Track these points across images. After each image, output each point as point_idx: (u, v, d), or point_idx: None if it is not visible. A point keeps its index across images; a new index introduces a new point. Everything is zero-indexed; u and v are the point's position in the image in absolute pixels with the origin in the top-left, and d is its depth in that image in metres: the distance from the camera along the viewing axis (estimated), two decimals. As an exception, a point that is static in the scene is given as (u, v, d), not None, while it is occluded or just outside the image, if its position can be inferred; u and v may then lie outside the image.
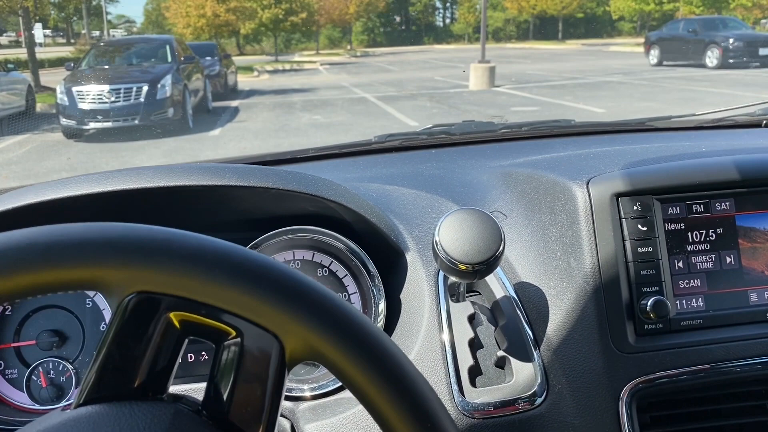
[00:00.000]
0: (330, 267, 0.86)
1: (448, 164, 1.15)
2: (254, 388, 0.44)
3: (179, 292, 0.43)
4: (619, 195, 0.72)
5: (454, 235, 0.68)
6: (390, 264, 0.86)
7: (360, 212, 0.78)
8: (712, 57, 12.76)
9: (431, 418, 0.44)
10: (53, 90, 9.67)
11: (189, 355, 0.84)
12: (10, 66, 10.04)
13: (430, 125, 1.57)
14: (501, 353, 0.74)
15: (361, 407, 0.72)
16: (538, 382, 0.71)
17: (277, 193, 0.73)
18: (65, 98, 8.75)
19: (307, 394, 0.77)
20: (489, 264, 0.67)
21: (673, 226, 0.73)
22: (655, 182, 0.73)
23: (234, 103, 11.13)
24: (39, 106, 10.33)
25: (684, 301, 0.72)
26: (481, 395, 0.72)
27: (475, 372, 0.74)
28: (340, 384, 0.79)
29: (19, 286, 0.41)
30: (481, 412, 0.71)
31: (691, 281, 0.72)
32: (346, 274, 0.86)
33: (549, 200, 0.78)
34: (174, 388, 0.47)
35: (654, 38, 14.67)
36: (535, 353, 0.73)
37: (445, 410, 0.45)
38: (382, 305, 0.81)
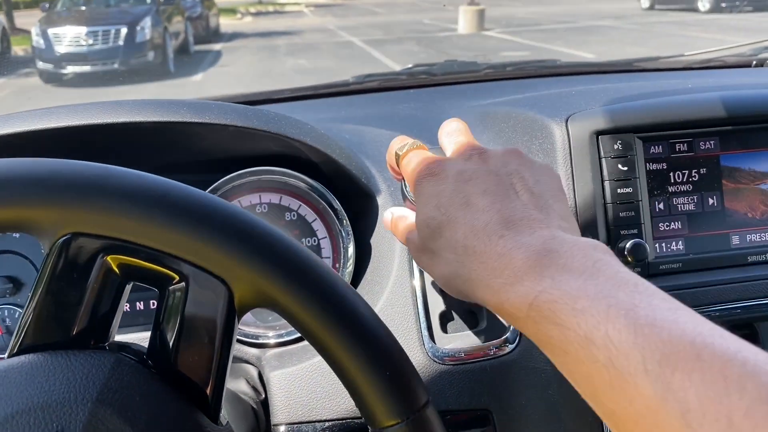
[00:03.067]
0: (298, 211, 0.82)
1: (427, 104, 1.10)
2: (202, 336, 0.41)
3: (115, 234, 0.40)
4: (599, 133, 0.68)
5: None
6: (361, 208, 0.82)
7: (327, 152, 0.74)
8: (704, 1, 12.54)
9: (390, 366, 0.41)
10: (29, 33, 9.37)
11: (137, 303, 0.80)
12: (-18, 7, 9.68)
13: (410, 65, 1.52)
14: (473, 299, 0.71)
15: (327, 355, 0.70)
16: (511, 328, 0.69)
17: (236, 131, 0.68)
18: (41, 41, 8.50)
19: (272, 341, 0.74)
20: None
21: (654, 166, 0.69)
22: (636, 119, 0.69)
23: (216, 47, 10.85)
24: (14, 50, 10.03)
25: (664, 244, 0.69)
26: (452, 341, 0.69)
27: (446, 317, 0.72)
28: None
29: None
30: (451, 359, 0.69)
31: (672, 223, 0.69)
32: (315, 218, 0.82)
33: (526, 139, 0.74)
34: (122, 338, 0.44)
35: (646, -19, 14.36)
36: (508, 299, 0.70)
37: (407, 358, 0.42)
38: (351, 249, 0.77)
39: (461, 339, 0.70)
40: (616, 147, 0.68)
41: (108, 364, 0.39)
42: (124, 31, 8.58)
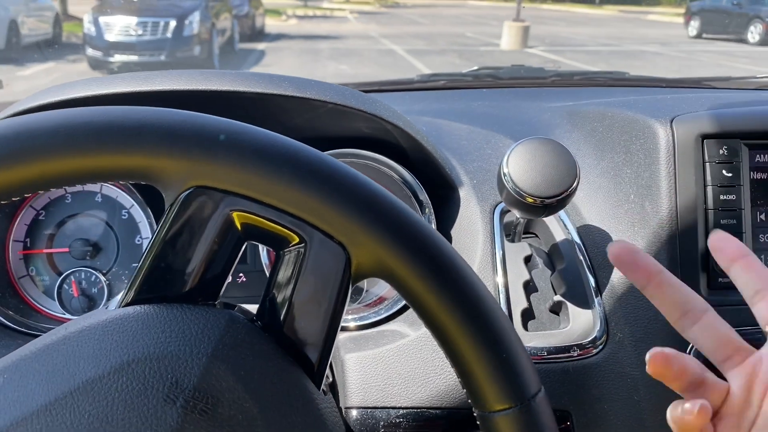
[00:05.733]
0: (378, 197, 0.81)
1: (501, 103, 1.09)
2: (314, 301, 0.40)
3: (242, 190, 0.39)
4: (705, 136, 0.66)
5: (525, 165, 0.63)
6: (442, 198, 0.81)
7: (417, 138, 0.73)
8: (754, 32, 12.31)
9: (507, 349, 0.40)
10: (80, 20, 9.59)
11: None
12: (39, -8, 9.94)
13: (476, 67, 1.51)
14: (557, 298, 0.70)
15: (405, 341, 0.69)
16: (597, 329, 0.67)
17: (333, 108, 0.68)
18: (92, 28, 8.67)
19: (351, 324, 0.73)
20: (561, 199, 0.62)
21: (759, 175, 0.67)
22: (745, 125, 0.67)
23: (260, 46, 10.98)
24: (65, 35, 10.28)
25: (763, 257, 0.67)
26: (534, 339, 0.68)
27: (528, 316, 0.70)
28: (384, 317, 0.75)
29: (68, 170, 0.37)
30: (532, 357, 0.67)
31: (773, 236, 0.67)
32: (395, 206, 0.81)
33: (625, 139, 0.72)
34: None
35: (695, 9, 14.17)
36: (595, 300, 0.68)
37: (522, 344, 0.41)
38: (433, 237, 0.76)
39: (543, 338, 0.68)
40: (721, 152, 0.66)
41: (223, 321, 0.38)
42: (173, 23, 8.72)
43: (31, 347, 0.37)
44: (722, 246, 0.46)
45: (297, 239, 0.40)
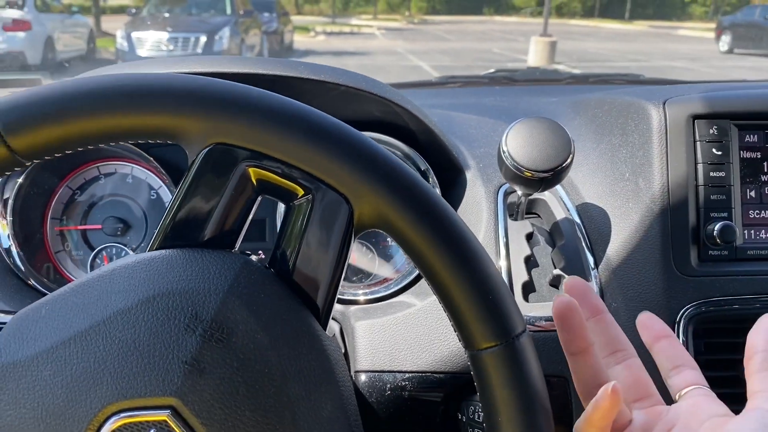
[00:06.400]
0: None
1: (513, 98, 1.14)
2: (320, 250, 0.44)
3: (257, 147, 0.44)
4: (695, 117, 0.70)
5: (522, 141, 0.67)
6: (449, 182, 0.85)
7: (425, 122, 0.78)
8: (787, 47, 12.15)
9: (492, 291, 0.44)
10: (113, 36, 9.88)
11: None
12: (74, 9, 10.25)
13: (492, 69, 1.56)
14: (557, 272, 0.73)
15: (411, 310, 0.73)
16: (593, 300, 0.70)
17: (346, 91, 0.73)
18: (125, 43, 8.92)
19: (361, 298, 0.78)
20: (556, 173, 0.66)
21: (748, 154, 0.70)
22: (734, 106, 0.70)
23: (289, 62, 11.12)
24: (99, 51, 10.58)
25: (752, 231, 0.70)
26: (533, 310, 0.72)
27: (528, 288, 0.74)
28: (393, 291, 0.80)
29: (103, 128, 0.42)
30: (531, 326, 0.71)
31: (762, 212, 0.70)
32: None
33: (621, 121, 0.76)
34: None
35: (727, 23, 14.03)
36: (592, 273, 0.72)
37: (508, 289, 0.45)
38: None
39: (542, 308, 0.72)
40: (711, 132, 0.70)
41: (238, 264, 0.43)
42: (203, 39, 8.93)
43: (69, 285, 0.42)
44: (650, 324, 0.52)
45: (303, 192, 0.45)
